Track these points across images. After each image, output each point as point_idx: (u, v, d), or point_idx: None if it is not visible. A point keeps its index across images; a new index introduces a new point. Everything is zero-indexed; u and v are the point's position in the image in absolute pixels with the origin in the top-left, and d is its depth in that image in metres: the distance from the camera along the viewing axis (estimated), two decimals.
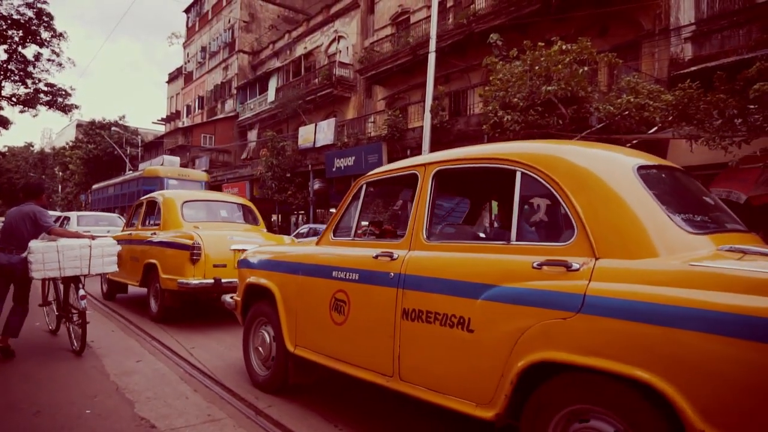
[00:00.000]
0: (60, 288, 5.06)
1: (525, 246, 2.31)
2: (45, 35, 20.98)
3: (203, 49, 34.27)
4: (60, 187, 46.85)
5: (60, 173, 46.14)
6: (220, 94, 31.86)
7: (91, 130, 35.85)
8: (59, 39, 21.37)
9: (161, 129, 40.86)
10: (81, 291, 4.61)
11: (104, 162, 34.47)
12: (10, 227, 4.53)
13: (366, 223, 4.06)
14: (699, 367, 1.66)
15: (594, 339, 1.89)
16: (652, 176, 2.33)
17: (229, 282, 5.78)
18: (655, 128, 9.60)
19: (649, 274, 1.89)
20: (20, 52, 21.26)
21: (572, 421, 2.00)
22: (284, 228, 22.40)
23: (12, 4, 19.91)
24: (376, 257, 2.88)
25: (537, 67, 9.40)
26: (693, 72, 9.71)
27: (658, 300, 1.78)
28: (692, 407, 1.65)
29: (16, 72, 21.51)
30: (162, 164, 18.32)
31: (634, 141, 10.20)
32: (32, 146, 56.02)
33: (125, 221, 8.93)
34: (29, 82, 21.93)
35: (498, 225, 3.26)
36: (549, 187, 2.28)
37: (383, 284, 2.78)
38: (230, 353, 4.80)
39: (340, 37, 23.16)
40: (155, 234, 6.52)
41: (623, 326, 1.83)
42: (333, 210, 18.78)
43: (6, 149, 52.04)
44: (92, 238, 4.80)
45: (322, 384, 3.94)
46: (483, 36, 13.99)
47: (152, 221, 6.98)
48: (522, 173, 2.39)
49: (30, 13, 20.24)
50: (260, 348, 3.79)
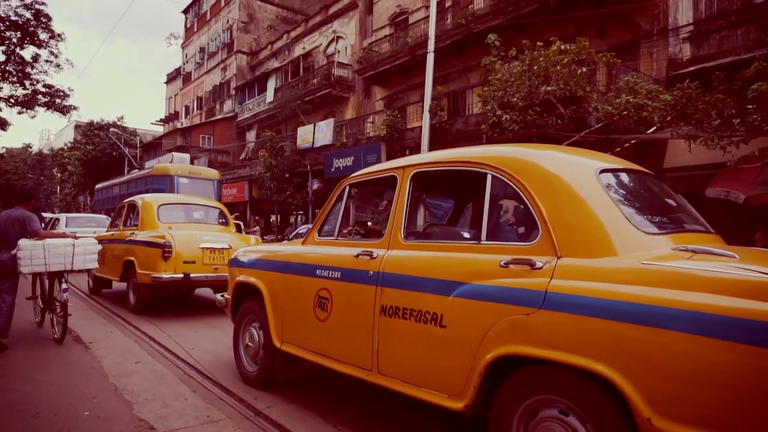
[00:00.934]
0: (45, 284, 5.56)
1: (494, 245, 2.41)
2: (43, 36, 20.91)
3: (202, 50, 34.24)
4: (58, 189, 46.78)
5: (58, 174, 46.06)
6: (219, 95, 31.84)
7: (90, 131, 35.79)
8: (57, 40, 21.30)
9: (160, 130, 40.85)
10: (63, 285, 5.08)
11: (103, 163, 34.40)
12: (1, 229, 5.00)
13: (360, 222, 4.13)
14: (646, 359, 1.77)
15: (553, 333, 2.01)
16: (614, 179, 2.46)
17: (198, 277, 6.53)
18: (654, 128, 9.61)
19: (605, 272, 1.99)
20: (18, 54, 21.20)
21: (536, 411, 2.11)
22: (283, 228, 22.39)
23: (10, 6, 19.91)
24: (357, 256, 2.99)
25: (535, 67, 9.41)
26: (691, 72, 9.72)
27: (610, 296, 1.89)
28: (640, 397, 1.75)
29: (14, 73, 21.44)
30: (171, 161, 16.96)
31: (633, 141, 10.23)
32: (30, 147, 55.91)
33: (110, 222, 9.49)
34: (27, 84, 21.83)
35: (471, 225, 3.35)
36: (516, 189, 2.38)
37: (363, 282, 2.89)
38: (229, 354, 4.78)
39: (339, 38, 23.16)
40: (134, 234, 7.16)
41: (579, 321, 1.93)
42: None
43: (4, 150, 51.93)
44: (75, 238, 5.26)
45: (321, 384, 3.94)
46: (481, 36, 14.00)
47: (132, 222, 7.63)
48: (492, 176, 2.50)
49: (28, 14, 20.18)
50: (249, 345, 3.91)
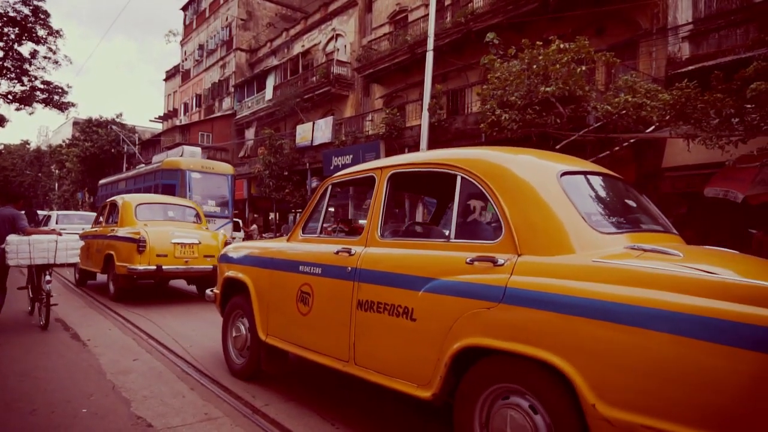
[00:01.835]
0: (35, 276, 6.08)
1: (461, 243, 2.56)
2: (41, 33, 20.83)
3: (201, 47, 34.16)
4: (57, 186, 46.68)
5: (57, 171, 45.94)
6: (218, 92, 31.78)
7: (88, 128, 35.69)
8: (56, 37, 21.24)
9: (158, 127, 40.75)
10: (47, 277, 5.66)
11: (101, 160, 34.32)
12: None
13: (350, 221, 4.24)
14: (593, 350, 1.91)
15: (511, 326, 2.16)
16: (575, 182, 2.57)
17: (169, 268, 7.32)
18: (653, 127, 9.61)
19: (558, 269, 2.13)
20: (16, 50, 21.12)
21: (497, 399, 2.26)
22: (281, 226, 22.37)
23: (8, 2, 19.82)
24: (337, 253, 3.13)
25: (535, 66, 9.41)
26: (690, 71, 9.73)
27: (560, 291, 2.04)
28: (587, 385, 1.89)
29: (12, 69, 21.35)
30: (181, 155, 15.33)
31: (632, 140, 10.23)
32: (28, 144, 55.78)
33: (94, 219, 10.06)
34: (25, 80, 21.74)
35: (442, 224, 3.44)
36: (483, 190, 2.52)
37: (342, 278, 3.03)
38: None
39: (338, 36, 23.12)
40: (114, 230, 7.89)
41: (533, 314, 2.09)
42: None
43: (2, 147, 51.78)
44: (59, 235, 5.77)
45: (319, 382, 3.95)
46: (481, 35, 13.98)
47: (113, 219, 8.31)
48: (461, 177, 2.64)
49: (26, 11, 20.13)
50: (237, 338, 4.06)
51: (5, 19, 19.98)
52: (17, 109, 22.57)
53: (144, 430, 2.95)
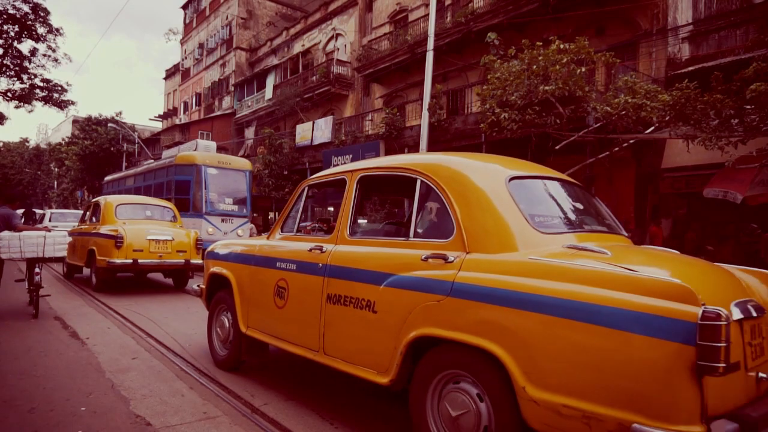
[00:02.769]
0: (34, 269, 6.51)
1: (419, 242, 2.79)
2: (41, 30, 20.81)
3: (201, 46, 34.12)
4: (56, 183, 46.63)
5: (56, 169, 45.86)
6: (218, 91, 31.75)
7: (88, 126, 35.63)
8: (55, 34, 21.22)
9: (158, 125, 40.71)
10: (36, 269, 6.29)
11: (101, 158, 34.25)
12: None
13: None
14: (523, 338, 2.12)
15: (457, 316, 2.36)
16: (523, 186, 2.77)
17: (144, 262, 8.19)
18: (652, 128, 9.61)
19: (499, 265, 2.35)
20: (16, 47, 21.10)
21: (447, 384, 2.47)
22: None
23: None
24: (310, 250, 3.35)
25: (535, 67, 9.40)
26: (690, 72, 9.73)
27: (497, 285, 2.26)
28: (519, 370, 2.10)
29: (12, 67, 21.33)
30: (195, 149, 14.28)
31: (631, 141, 10.23)
32: (28, 142, 55.68)
33: (80, 218, 10.67)
34: (25, 78, 21.71)
35: (404, 223, 3.61)
36: (438, 193, 2.74)
37: (313, 273, 3.25)
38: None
39: (338, 35, 23.11)
40: (96, 228, 8.77)
41: (474, 306, 2.30)
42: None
43: (1, 145, 51.76)
44: (48, 231, 6.34)
45: (318, 381, 3.95)
46: (481, 35, 13.99)
47: (96, 218, 9.11)
48: (420, 180, 2.86)
49: (26, 8, 20.11)
50: (220, 331, 4.27)
51: (5, 17, 19.95)
52: (17, 107, 22.53)
53: (143, 429, 2.95)
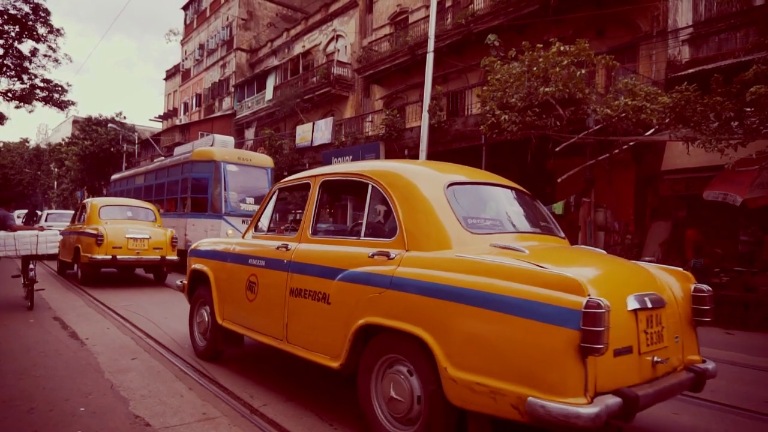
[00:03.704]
0: (29, 266, 6.94)
1: (369, 241, 3.11)
2: (42, 31, 20.76)
3: (201, 47, 34.14)
4: (56, 184, 46.61)
5: (56, 170, 45.87)
6: (218, 92, 31.77)
7: (88, 127, 35.64)
8: (56, 35, 21.20)
9: (158, 126, 40.72)
10: (31, 265, 6.80)
11: (101, 158, 34.26)
12: None
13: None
14: (446, 325, 2.41)
15: (394, 307, 2.66)
16: (460, 191, 3.06)
17: (123, 258, 9.06)
18: (652, 130, 9.63)
19: (430, 262, 2.65)
20: (16, 48, 21.08)
21: (388, 367, 2.77)
22: None
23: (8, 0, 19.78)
24: (278, 248, 3.65)
25: (535, 68, 9.42)
26: (690, 74, 9.74)
27: (425, 279, 2.56)
28: (442, 352, 2.39)
29: (12, 67, 21.29)
30: (212, 145, 13.15)
31: (631, 143, 10.24)
32: (28, 142, 55.72)
33: (72, 217, 11.31)
34: (25, 78, 21.67)
35: (358, 224, 3.86)
36: (386, 197, 3.05)
37: (279, 269, 3.55)
38: (225, 353, 4.79)
39: (339, 36, 23.13)
40: (82, 227, 9.68)
41: (408, 297, 2.60)
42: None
43: (1, 145, 51.72)
44: (41, 230, 6.89)
45: (317, 383, 3.94)
46: (481, 36, 14.01)
47: (83, 219, 9.98)
48: (371, 186, 3.17)
49: (26, 8, 20.09)
50: (200, 323, 4.58)
51: (6, 17, 19.93)
52: (17, 107, 22.50)
53: (142, 430, 2.94)
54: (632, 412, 2.15)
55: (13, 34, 20.52)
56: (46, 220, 16.99)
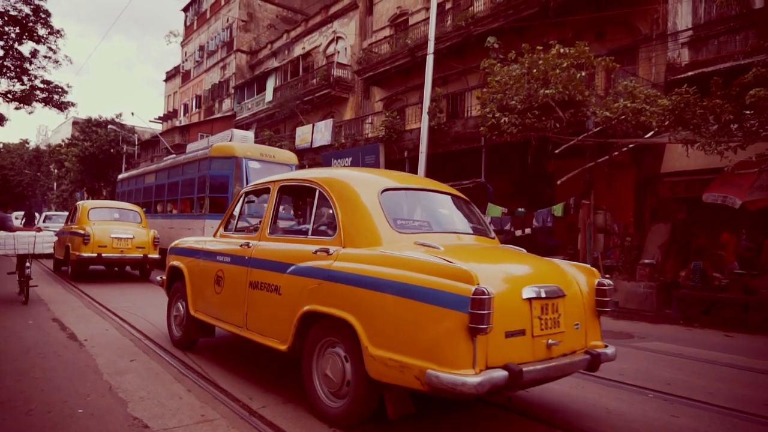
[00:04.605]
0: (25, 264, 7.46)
1: (314, 239, 3.53)
2: (42, 32, 20.75)
3: (201, 48, 34.17)
4: (55, 185, 46.59)
5: (55, 171, 45.84)
6: (218, 94, 31.78)
7: (88, 128, 35.64)
8: (56, 36, 21.19)
9: (158, 127, 40.73)
10: (27, 263, 7.35)
11: (100, 160, 34.26)
12: None
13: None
14: (368, 310, 2.81)
15: (329, 295, 3.06)
16: (392, 195, 3.50)
17: (107, 255, 9.93)
18: (652, 132, 9.63)
19: (359, 257, 3.06)
20: (17, 49, 21.06)
21: (327, 349, 3.17)
22: None
23: (9, 1, 19.78)
24: (241, 246, 4.07)
25: (535, 71, 9.43)
26: (690, 77, 9.75)
27: (353, 271, 2.97)
28: (365, 334, 2.79)
29: (12, 68, 21.28)
30: (231, 140, 12.30)
31: (631, 145, 10.25)
32: (28, 143, 55.71)
33: (66, 219, 12.11)
34: (25, 79, 21.65)
35: (306, 223, 4.25)
36: (329, 200, 3.47)
37: (241, 264, 3.98)
38: (226, 353, 4.80)
39: (339, 38, 23.16)
40: (72, 228, 10.54)
41: (340, 287, 3.00)
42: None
43: (1, 146, 51.73)
44: (38, 230, 7.49)
45: None
46: (481, 38, 14.02)
47: (74, 220, 10.84)
48: (318, 190, 3.61)
49: (27, 10, 20.09)
50: (176, 316, 4.99)
51: (6, 18, 19.93)
52: (17, 108, 22.48)
53: (140, 431, 2.94)
54: (517, 384, 2.52)
55: (14, 36, 20.51)
56: (43, 221, 18.04)
